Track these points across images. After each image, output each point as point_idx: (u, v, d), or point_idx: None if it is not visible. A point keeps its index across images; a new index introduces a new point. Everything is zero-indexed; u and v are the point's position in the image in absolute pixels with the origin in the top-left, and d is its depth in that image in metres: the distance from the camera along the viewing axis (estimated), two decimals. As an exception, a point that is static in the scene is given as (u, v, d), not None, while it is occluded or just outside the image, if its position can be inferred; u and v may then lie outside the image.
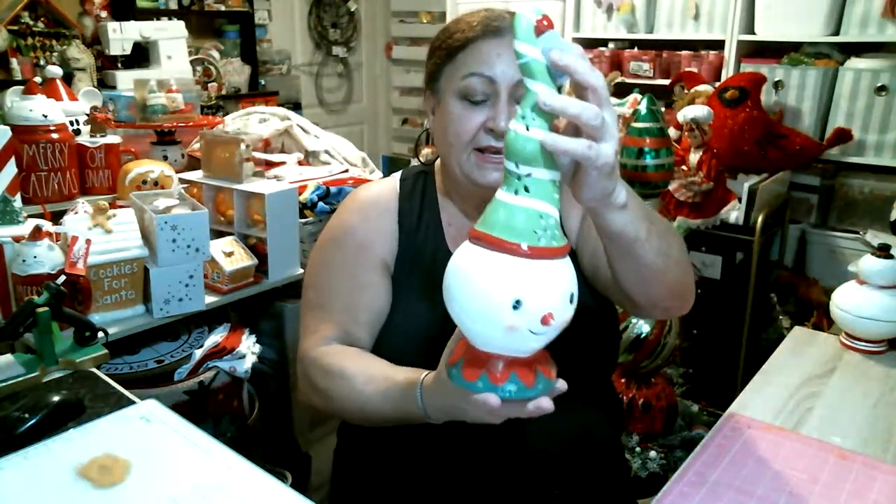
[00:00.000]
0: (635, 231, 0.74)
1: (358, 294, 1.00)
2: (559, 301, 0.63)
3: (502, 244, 0.62)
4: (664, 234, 0.81)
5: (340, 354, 0.95)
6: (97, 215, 1.25)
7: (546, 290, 0.62)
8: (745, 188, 2.35)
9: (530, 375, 0.68)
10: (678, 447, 2.01)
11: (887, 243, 1.23)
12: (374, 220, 1.04)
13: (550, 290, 0.62)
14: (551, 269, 0.63)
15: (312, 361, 0.97)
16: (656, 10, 2.95)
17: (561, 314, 0.63)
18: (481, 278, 0.63)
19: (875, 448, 0.96)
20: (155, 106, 1.90)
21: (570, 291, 0.64)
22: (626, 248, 0.76)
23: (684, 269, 0.86)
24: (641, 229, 0.75)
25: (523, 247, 0.62)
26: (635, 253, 0.77)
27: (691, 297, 0.92)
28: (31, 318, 0.99)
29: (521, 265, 0.62)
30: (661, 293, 0.85)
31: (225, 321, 1.48)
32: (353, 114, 5.23)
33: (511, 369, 0.67)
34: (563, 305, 0.63)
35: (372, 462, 1.04)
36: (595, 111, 0.62)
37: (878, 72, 2.42)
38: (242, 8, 4.08)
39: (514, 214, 0.62)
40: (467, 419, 0.75)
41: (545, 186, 0.63)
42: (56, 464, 0.76)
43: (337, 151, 2.00)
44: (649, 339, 1.94)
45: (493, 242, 0.63)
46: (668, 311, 0.92)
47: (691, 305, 0.93)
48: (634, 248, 0.76)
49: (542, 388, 0.68)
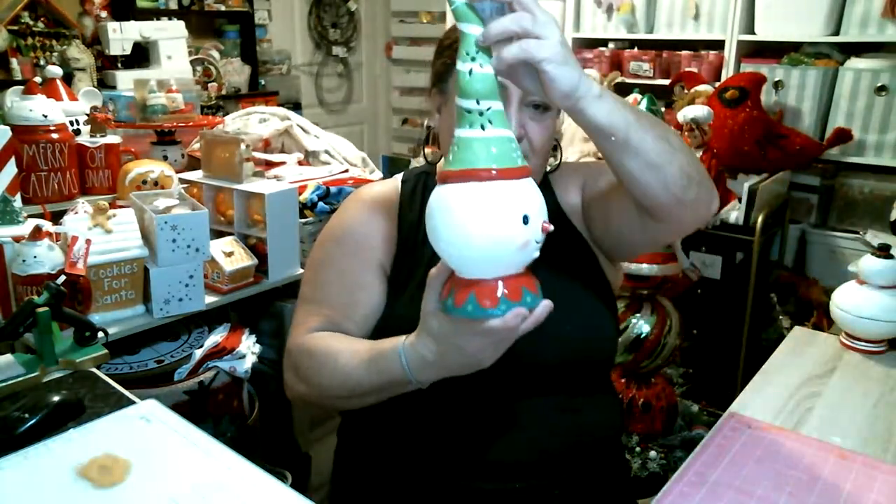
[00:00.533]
0: (624, 118, 0.76)
1: (352, 292, 1.01)
2: (544, 211, 0.71)
3: (503, 172, 0.68)
4: (657, 123, 0.81)
5: (326, 337, 0.96)
6: (97, 215, 1.25)
7: (540, 203, 0.71)
8: (745, 188, 2.35)
9: (523, 290, 0.73)
10: (678, 447, 2.01)
11: (887, 243, 1.23)
12: (374, 221, 1.04)
13: (540, 202, 0.71)
14: (533, 184, 0.71)
15: (297, 349, 0.97)
16: (656, 10, 2.95)
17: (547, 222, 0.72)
18: (491, 207, 0.67)
19: (875, 448, 0.96)
20: (155, 106, 1.90)
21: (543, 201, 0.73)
22: (621, 138, 0.77)
23: (690, 156, 0.84)
24: (630, 115, 0.77)
25: (517, 168, 0.69)
26: (631, 142, 0.77)
27: (712, 186, 0.88)
28: (31, 318, 0.99)
29: (522, 185, 0.69)
30: (678, 180, 0.81)
31: (225, 321, 1.48)
32: (353, 114, 5.23)
33: (511, 286, 0.72)
34: (545, 215, 0.71)
35: (372, 462, 1.04)
36: (521, 15, 0.69)
37: (878, 72, 2.42)
38: (242, 8, 4.08)
39: (491, 144, 0.69)
40: (455, 367, 0.78)
41: (501, 116, 0.70)
42: (56, 464, 0.76)
43: (337, 151, 2.00)
44: (649, 339, 1.95)
45: (488, 173, 0.68)
46: (697, 208, 0.87)
47: (716, 197, 0.89)
48: (629, 138, 0.77)
49: (531, 301, 0.73)
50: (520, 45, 0.69)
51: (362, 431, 1.06)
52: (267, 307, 1.59)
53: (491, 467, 0.95)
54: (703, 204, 0.87)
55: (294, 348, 0.99)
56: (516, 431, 0.95)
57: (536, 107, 0.92)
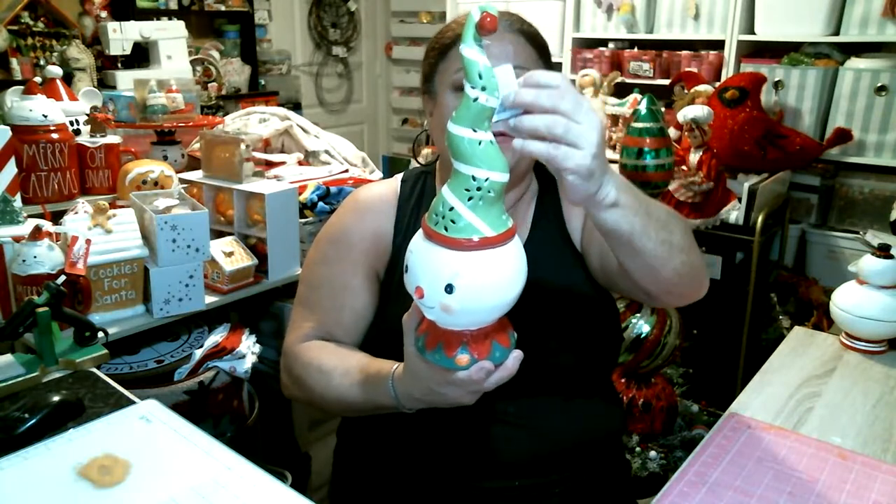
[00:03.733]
0: (630, 226, 0.76)
1: (344, 294, 1.02)
2: (523, 273, 0.71)
3: (485, 241, 0.67)
4: (665, 224, 0.81)
5: (319, 349, 0.99)
6: (97, 215, 1.25)
7: (521, 266, 0.70)
8: (745, 188, 2.35)
9: (493, 345, 0.73)
10: (678, 447, 2.01)
11: (887, 243, 1.23)
12: (371, 222, 1.05)
13: (522, 264, 0.70)
14: (516, 245, 0.70)
15: (294, 356, 1.01)
16: (656, 10, 2.95)
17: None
18: (472, 277, 0.67)
19: (875, 448, 0.96)
20: (155, 106, 1.90)
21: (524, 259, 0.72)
22: (624, 241, 0.78)
23: (690, 255, 0.86)
24: (637, 223, 0.76)
25: (500, 235, 0.68)
26: (634, 245, 0.78)
27: (704, 281, 0.92)
28: (31, 318, 0.99)
29: (504, 252, 0.68)
30: (669, 280, 0.85)
31: (225, 321, 1.48)
32: (353, 114, 5.23)
33: (479, 341, 0.72)
34: (523, 276, 0.71)
35: (372, 462, 1.04)
36: (555, 121, 0.66)
37: (878, 72, 2.42)
38: (242, 8, 4.08)
39: (481, 216, 0.67)
40: (440, 404, 0.79)
41: (500, 187, 0.67)
42: (56, 464, 0.76)
43: (337, 151, 2.00)
44: (649, 339, 1.94)
45: (469, 243, 0.67)
46: (683, 297, 0.92)
47: (706, 289, 0.92)
48: (632, 242, 0.78)
49: (500, 356, 0.73)
50: (548, 147, 0.67)
51: (362, 431, 1.06)
52: (267, 307, 1.59)
53: (491, 466, 0.95)
54: (692, 294, 0.92)
55: (290, 353, 1.03)
56: (517, 431, 0.95)
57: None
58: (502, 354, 0.73)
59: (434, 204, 0.69)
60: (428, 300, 0.68)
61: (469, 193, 0.66)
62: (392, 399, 0.85)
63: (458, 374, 0.72)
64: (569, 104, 0.66)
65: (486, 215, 0.67)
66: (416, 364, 0.78)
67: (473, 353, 0.71)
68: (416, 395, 0.82)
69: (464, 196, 0.66)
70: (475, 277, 0.66)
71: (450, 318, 0.69)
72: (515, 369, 0.74)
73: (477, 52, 0.64)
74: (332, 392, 0.94)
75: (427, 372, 0.76)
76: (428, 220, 0.69)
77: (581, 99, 0.68)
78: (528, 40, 0.96)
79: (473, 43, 0.64)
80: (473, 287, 0.67)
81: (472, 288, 0.67)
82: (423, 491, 0.98)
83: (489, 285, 0.67)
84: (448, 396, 0.77)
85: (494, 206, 0.67)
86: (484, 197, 0.66)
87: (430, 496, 0.98)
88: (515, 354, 0.74)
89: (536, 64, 0.96)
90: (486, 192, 0.66)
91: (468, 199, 0.66)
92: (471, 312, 0.68)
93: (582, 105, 0.67)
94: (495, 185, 0.66)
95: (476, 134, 0.65)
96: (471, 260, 0.67)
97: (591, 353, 1.02)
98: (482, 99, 0.64)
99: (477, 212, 0.66)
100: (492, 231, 0.67)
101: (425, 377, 0.77)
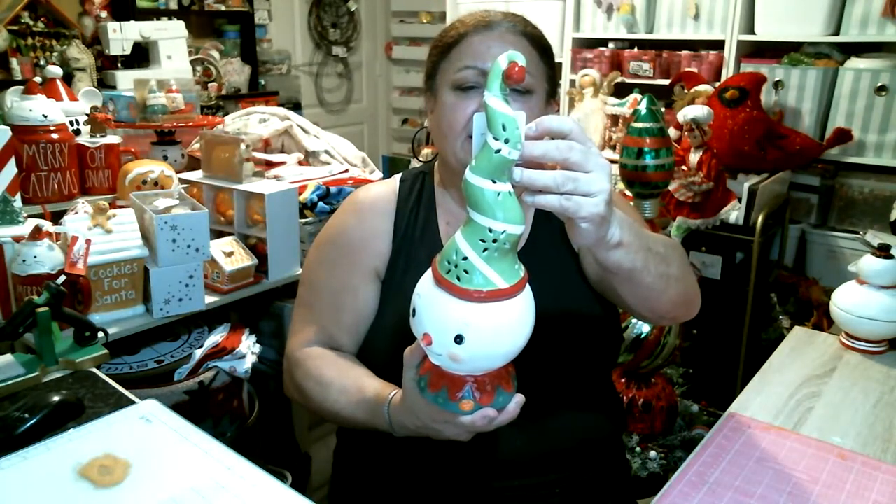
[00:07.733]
0: (631, 263, 0.77)
1: (345, 296, 1.03)
2: (531, 321, 0.71)
3: (494, 293, 0.66)
4: (663, 257, 0.83)
5: (320, 360, 1.00)
6: (97, 215, 1.25)
7: (529, 317, 0.70)
8: (745, 188, 2.35)
9: (496, 390, 0.73)
10: (678, 447, 2.01)
11: (887, 243, 1.23)
12: (370, 222, 1.05)
13: (530, 315, 0.71)
14: (527, 295, 0.70)
15: (296, 362, 1.02)
16: (656, 10, 2.95)
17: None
18: (481, 328, 0.66)
19: (875, 448, 0.96)
20: (155, 106, 1.90)
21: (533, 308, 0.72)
22: (625, 277, 0.80)
23: (686, 283, 0.89)
24: (637, 260, 0.78)
25: (510, 287, 0.67)
26: (633, 280, 0.81)
27: (697, 304, 0.96)
28: (31, 318, 0.99)
29: (514, 304, 0.68)
30: (663, 308, 0.89)
31: (225, 321, 1.48)
32: (353, 114, 5.23)
33: (482, 387, 0.73)
34: (531, 323, 0.71)
35: (372, 462, 1.04)
36: (568, 176, 0.66)
37: (878, 72, 2.42)
38: (242, 8, 4.08)
39: (495, 269, 0.66)
40: (434, 437, 0.80)
41: (515, 239, 0.66)
42: (56, 464, 0.76)
43: (337, 151, 2.00)
44: (649, 339, 1.94)
45: (479, 294, 0.66)
46: (676, 320, 0.97)
47: (698, 310, 0.97)
48: (632, 277, 0.80)
49: (503, 401, 0.73)
50: (560, 200, 0.67)
51: (362, 432, 1.06)
52: (267, 307, 1.59)
53: (491, 466, 0.95)
54: (684, 316, 0.96)
55: (292, 359, 1.03)
56: (517, 430, 0.95)
57: (518, 91, 0.92)
58: (505, 399, 0.73)
59: (446, 250, 0.68)
60: (436, 347, 0.68)
61: (484, 245, 0.65)
62: (386, 425, 0.87)
63: (461, 419, 0.73)
64: (578, 155, 0.66)
65: (499, 267, 0.66)
66: (415, 400, 0.78)
67: (477, 399, 0.71)
68: (410, 427, 0.83)
69: (479, 247, 0.65)
70: (486, 329, 0.66)
71: (457, 365, 0.69)
72: (516, 414, 0.75)
73: (502, 102, 0.62)
74: (329, 406, 0.96)
75: (426, 409, 0.77)
76: (439, 265, 0.68)
77: (590, 145, 0.68)
78: (532, 43, 0.96)
79: (499, 92, 0.62)
80: (483, 339, 0.66)
81: (482, 339, 0.66)
82: (422, 491, 0.98)
83: (499, 336, 0.67)
84: (444, 434, 0.78)
85: (508, 256, 0.66)
86: (499, 249, 0.65)
87: (430, 496, 0.98)
88: (517, 399, 0.74)
89: (539, 67, 0.96)
90: (501, 245, 0.65)
91: (483, 251, 0.65)
92: (479, 360, 0.68)
93: (591, 152, 0.67)
94: (511, 237, 0.65)
95: (495, 185, 0.63)
96: (482, 312, 0.66)
97: (591, 354, 1.02)
98: (504, 151, 0.63)
99: (491, 263, 0.65)
100: (504, 283, 0.66)
101: (423, 415, 0.78)
